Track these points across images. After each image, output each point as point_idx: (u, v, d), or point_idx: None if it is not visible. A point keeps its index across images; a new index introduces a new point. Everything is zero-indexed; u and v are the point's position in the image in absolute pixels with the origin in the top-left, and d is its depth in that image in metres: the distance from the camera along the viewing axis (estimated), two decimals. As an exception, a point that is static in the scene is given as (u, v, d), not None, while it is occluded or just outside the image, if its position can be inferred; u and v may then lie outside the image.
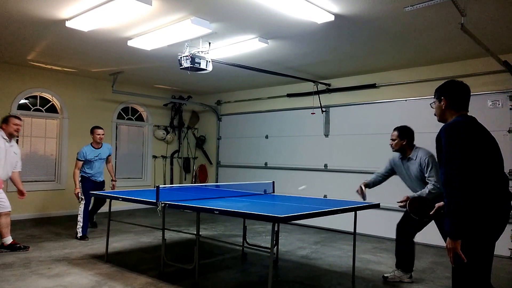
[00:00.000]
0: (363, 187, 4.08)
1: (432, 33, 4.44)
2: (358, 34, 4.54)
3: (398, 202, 3.57)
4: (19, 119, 4.90)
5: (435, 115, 2.45)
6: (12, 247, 4.72)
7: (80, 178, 5.62)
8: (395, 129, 3.93)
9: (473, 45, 4.38)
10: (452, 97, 2.30)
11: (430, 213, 2.67)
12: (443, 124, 2.30)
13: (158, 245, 5.03)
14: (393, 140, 3.90)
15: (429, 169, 3.65)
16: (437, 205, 2.66)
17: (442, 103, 2.33)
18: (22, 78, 6.95)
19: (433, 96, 2.44)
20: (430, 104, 2.48)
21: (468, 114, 2.33)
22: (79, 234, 5.38)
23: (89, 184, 5.62)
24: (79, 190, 5.50)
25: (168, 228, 4.43)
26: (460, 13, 3.35)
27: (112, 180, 6.08)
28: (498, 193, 2.11)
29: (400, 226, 3.94)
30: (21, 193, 4.99)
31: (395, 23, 4.15)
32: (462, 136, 2.09)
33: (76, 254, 4.69)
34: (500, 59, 4.63)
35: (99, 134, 5.67)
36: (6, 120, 4.83)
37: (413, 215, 3.07)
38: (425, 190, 3.61)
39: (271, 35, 4.69)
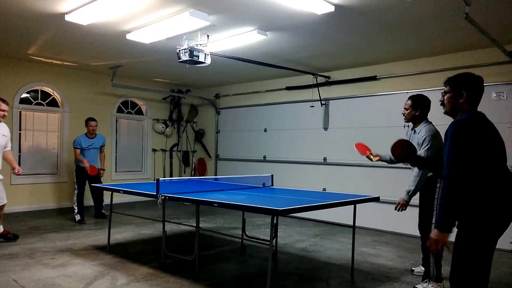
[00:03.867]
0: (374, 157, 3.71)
1: (435, 24, 4.38)
2: (359, 25, 4.51)
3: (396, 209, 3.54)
4: (6, 103, 4.71)
5: (442, 105, 2.31)
6: (2, 236, 4.83)
7: (75, 167, 6.32)
8: (409, 98, 3.65)
9: (478, 36, 4.29)
10: (473, 93, 2.18)
11: (406, 158, 2.63)
12: (452, 118, 2.20)
13: (158, 237, 5.07)
14: (406, 109, 3.64)
15: (422, 147, 3.39)
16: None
17: (460, 97, 2.19)
18: (23, 72, 6.95)
19: (445, 85, 2.29)
20: (442, 93, 2.31)
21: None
22: (77, 219, 6.07)
23: (82, 174, 6.21)
24: (87, 164, 6.13)
25: (168, 220, 4.46)
26: (464, 3, 3.29)
27: (100, 169, 6.46)
28: (503, 190, 2.09)
29: (421, 221, 3.69)
30: (15, 169, 4.80)
31: (397, 13, 4.11)
32: (470, 132, 2.04)
33: (79, 245, 4.74)
34: (505, 49, 4.58)
35: (91, 126, 6.29)
36: None
37: (397, 160, 2.87)
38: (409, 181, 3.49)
39: (270, 27, 4.68)
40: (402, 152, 2.66)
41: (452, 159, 2.03)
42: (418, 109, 3.57)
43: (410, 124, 3.74)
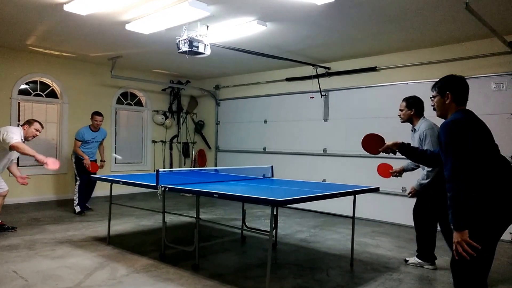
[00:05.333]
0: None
1: (435, 14, 4.36)
2: (359, 15, 4.49)
3: (408, 195, 3.73)
4: (42, 126, 5.02)
5: (434, 109, 2.44)
6: (0, 228, 4.87)
7: (74, 160, 6.25)
8: (403, 100, 3.84)
9: (478, 26, 4.28)
10: (457, 92, 2.30)
11: (379, 149, 2.80)
12: (443, 120, 2.29)
13: (158, 228, 5.09)
14: (401, 110, 3.82)
15: (426, 142, 3.54)
16: (387, 144, 2.74)
17: (446, 98, 2.31)
18: (22, 63, 6.92)
19: (432, 91, 2.42)
20: (430, 97, 2.46)
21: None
22: (77, 211, 6.08)
23: (82, 165, 6.17)
24: (88, 161, 6.13)
25: (169, 212, 4.48)
26: (465, -8, 3.29)
27: (101, 160, 6.59)
28: (504, 181, 2.11)
29: (416, 212, 3.82)
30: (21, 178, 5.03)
31: (397, 3, 4.08)
32: (462, 133, 2.10)
33: (79, 236, 4.76)
34: (505, 40, 4.57)
35: (97, 121, 6.25)
36: (29, 122, 4.89)
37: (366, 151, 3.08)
38: (422, 173, 3.62)
39: (270, 17, 4.64)
40: (370, 148, 3.00)
41: (451, 162, 2.08)
42: (412, 108, 3.76)
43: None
